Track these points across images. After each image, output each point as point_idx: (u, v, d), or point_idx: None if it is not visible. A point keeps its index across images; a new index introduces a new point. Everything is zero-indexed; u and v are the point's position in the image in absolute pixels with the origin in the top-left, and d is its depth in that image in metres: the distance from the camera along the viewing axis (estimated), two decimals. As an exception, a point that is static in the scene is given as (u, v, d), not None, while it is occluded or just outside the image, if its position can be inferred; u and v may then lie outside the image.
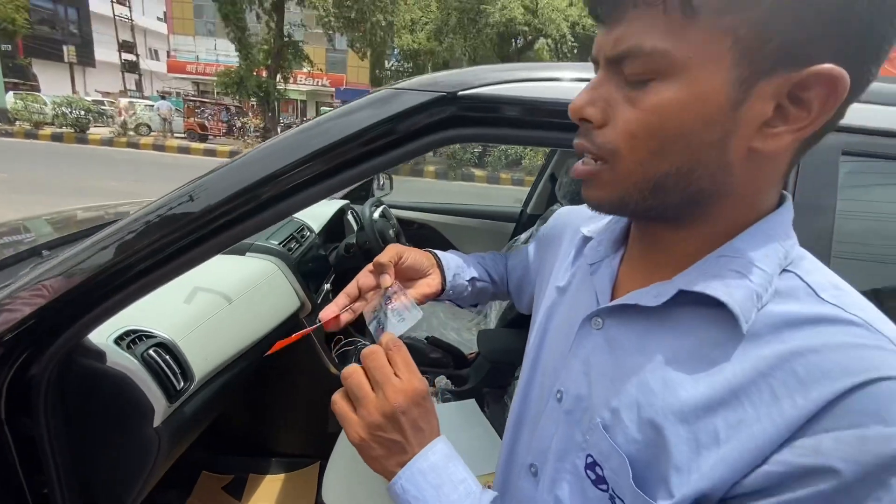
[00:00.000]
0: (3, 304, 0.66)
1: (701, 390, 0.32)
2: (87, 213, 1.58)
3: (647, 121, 0.31)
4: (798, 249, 0.36)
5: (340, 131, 0.62)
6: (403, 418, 0.41)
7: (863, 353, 0.29)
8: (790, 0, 0.27)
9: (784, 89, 0.29)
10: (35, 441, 0.72)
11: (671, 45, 0.29)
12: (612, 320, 0.40)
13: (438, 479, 0.41)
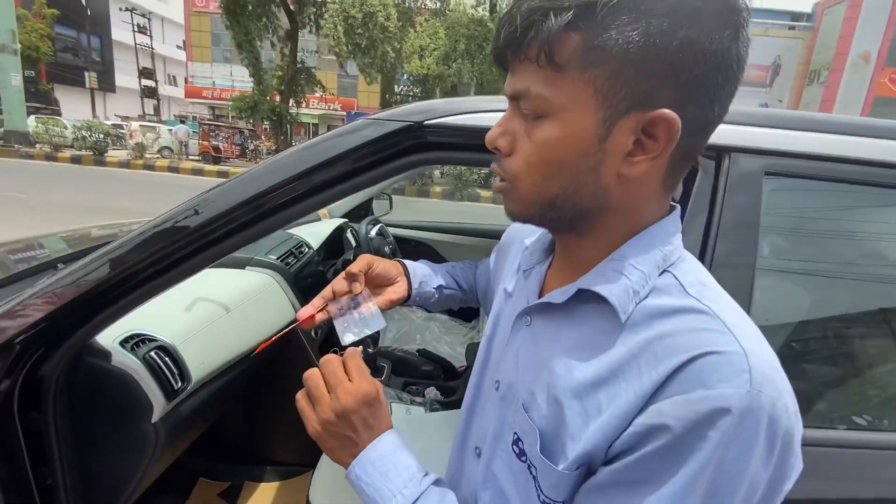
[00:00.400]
0: (18, 309, 0.74)
1: (591, 371, 0.39)
2: (100, 231, 1.68)
3: (538, 153, 0.39)
4: (680, 252, 0.43)
5: (322, 155, 0.70)
6: (354, 416, 0.47)
7: (700, 335, 0.35)
8: (629, 63, 0.34)
9: (639, 127, 0.36)
10: (42, 435, 0.80)
11: (549, 92, 0.37)
12: (537, 317, 0.48)
13: (384, 466, 0.47)
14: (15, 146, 11.36)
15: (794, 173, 0.68)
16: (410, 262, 0.74)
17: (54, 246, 1.47)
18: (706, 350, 0.34)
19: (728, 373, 0.33)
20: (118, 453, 0.85)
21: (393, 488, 0.46)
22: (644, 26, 0.33)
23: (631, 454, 0.35)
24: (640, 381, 0.36)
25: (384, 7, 12.61)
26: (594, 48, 0.34)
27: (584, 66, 0.35)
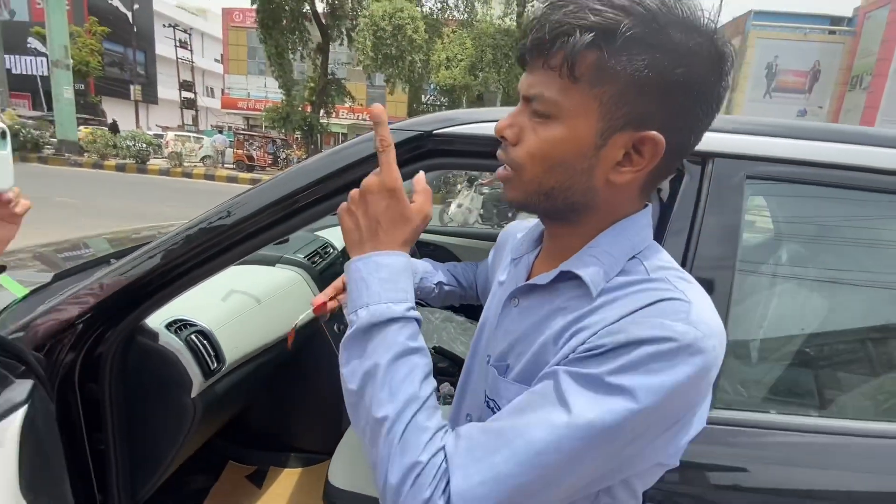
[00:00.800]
0: (81, 295, 0.86)
1: (565, 322, 0.46)
2: (139, 234, 1.83)
3: (542, 147, 0.45)
4: (648, 242, 0.50)
5: (343, 160, 0.80)
6: (376, 197, 0.47)
7: (658, 292, 0.42)
8: (633, 86, 0.41)
9: (629, 143, 0.43)
10: (98, 404, 0.91)
11: (561, 98, 0.43)
12: (523, 298, 0.55)
13: (387, 274, 0.46)
14: (66, 154, 12.11)
15: (773, 177, 0.73)
16: (414, 259, 0.81)
17: (98, 246, 1.63)
18: (658, 298, 0.41)
19: (670, 311, 0.41)
20: (161, 424, 0.96)
21: (385, 296, 0.45)
22: (650, 58, 0.40)
23: (582, 351, 0.41)
24: (603, 322, 0.42)
25: (412, 20, 12.90)
26: (607, 68, 0.40)
27: (595, 82, 0.41)
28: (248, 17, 24.75)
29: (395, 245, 0.48)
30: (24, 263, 1.41)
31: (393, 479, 0.40)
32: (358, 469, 1.19)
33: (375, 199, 0.47)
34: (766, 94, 20.70)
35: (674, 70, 0.40)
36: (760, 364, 0.81)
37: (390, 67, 13.64)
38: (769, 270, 0.77)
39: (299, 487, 1.57)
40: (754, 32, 20.31)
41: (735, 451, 0.74)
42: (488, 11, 15.29)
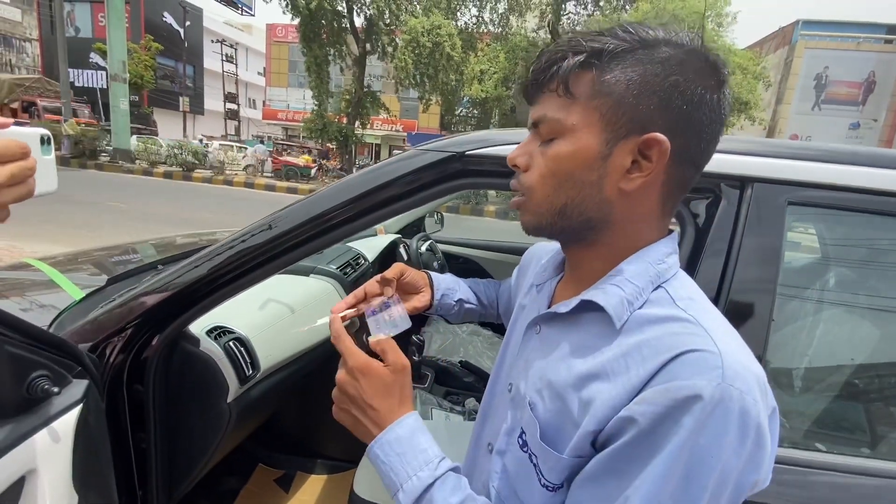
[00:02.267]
0: (129, 301, 0.91)
1: (587, 366, 0.45)
2: (183, 239, 1.93)
3: (550, 166, 0.47)
4: (675, 270, 0.49)
5: (380, 178, 0.82)
6: (353, 388, 0.51)
7: (683, 338, 0.41)
8: (630, 95, 0.43)
9: (635, 148, 0.44)
10: (142, 405, 0.96)
11: (563, 115, 0.45)
12: (545, 325, 0.54)
13: (402, 448, 0.49)
14: (119, 162, 12.88)
15: (818, 203, 0.70)
16: (437, 274, 0.82)
17: (145, 251, 1.73)
18: (686, 349, 0.40)
19: (703, 367, 0.38)
20: (199, 426, 1.00)
21: (410, 469, 0.48)
22: (641, 69, 0.43)
23: (618, 439, 0.40)
24: (627, 376, 0.42)
25: (450, 37, 13.12)
26: (602, 82, 0.43)
27: (592, 96, 0.44)
28: (289, 33, 25.79)
29: (395, 413, 0.51)
30: (79, 266, 1.51)
31: None
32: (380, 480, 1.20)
33: (353, 386, 0.51)
34: (815, 107, 19.79)
35: (667, 77, 0.42)
36: (801, 395, 0.78)
37: (427, 84, 13.88)
38: (812, 297, 0.74)
39: (325, 494, 1.60)
40: (802, 42, 19.52)
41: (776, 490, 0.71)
42: (522, 24, 15.37)
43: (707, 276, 0.72)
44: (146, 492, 0.99)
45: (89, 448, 0.74)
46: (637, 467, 0.39)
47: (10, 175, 0.44)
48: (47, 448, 0.65)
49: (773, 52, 20.93)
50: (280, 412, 1.68)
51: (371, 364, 0.52)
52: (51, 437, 0.66)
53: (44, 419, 0.65)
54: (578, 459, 0.44)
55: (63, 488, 0.68)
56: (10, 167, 0.44)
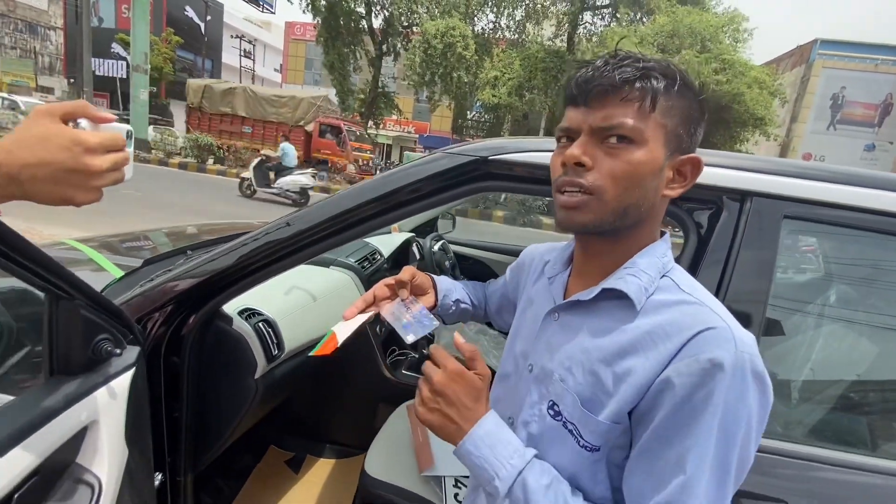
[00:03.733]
0: (172, 281, 0.99)
1: (616, 345, 0.53)
2: (193, 229, 2.00)
3: (625, 168, 0.51)
4: (673, 264, 0.57)
5: (406, 179, 0.90)
6: (450, 390, 0.55)
7: (699, 318, 0.50)
8: (683, 120, 0.53)
9: (677, 164, 0.54)
10: (177, 376, 1.04)
11: (643, 125, 0.51)
12: (564, 313, 0.62)
13: (491, 441, 0.54)
14: (136, 152, 13.08)
15: (810, 218, 0.77)
16: (437, 276, 0.88)
17: (158, 239, 1.81)
18: (704, 327, 0.48)
19: (720, 341, 0.47)
20: (228, 399, 1.08)
21: (503, 458, 0.53)
22: (688, 100, 0.53)
23: (658, 410, 0.48)
24: (656, 351, 0.50)
25: (463, 38, 13.22)
26: (671, 106, 0.52)
27: (664, 115, 0.52)
28: (307, 31, 26.09)
29: (481, 413, 0.56)
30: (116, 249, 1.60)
31: None
32: (392, 462, 1.27)
33: (451, 388, 0.55)
34: (830, 126, 19.69)
35: (694, 109, 0.54)
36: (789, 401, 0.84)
37: (436, 84, 13.98)
38: (801, 308, 0.81)
39: (332, 477, 1.67)
40: (820, 62, 19.45)
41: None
42: (539, 32, 15.46)
43: (706, 284, 0.79)
44: (175, 458, 1.07)
45: (135, 409, 0.82)
46: (683, 433, 0.47)
47: (114, 162, 0.52)
48: (106, 404, 0.73)
49: (790, 70, 20.85)
50: (293, 397, 1.75)
51: (465, 370, 0.57)
52: (109, 394, 0.74)
53: (104, 378, 0.73)
54: (616, 425, 0.52)
55: (117, 442, 0.75)
56: (115, 156, 0.52)
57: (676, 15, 12.87)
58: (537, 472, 0.53)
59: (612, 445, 0.53)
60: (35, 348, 0.74)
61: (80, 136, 0.51)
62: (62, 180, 0.51)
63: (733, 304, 0.77)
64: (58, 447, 0.66)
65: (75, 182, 0.52)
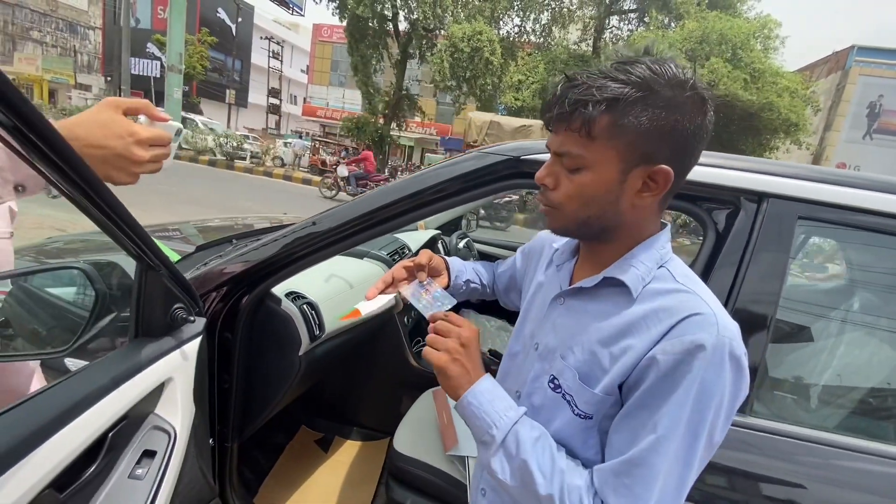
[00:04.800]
0: (228, 263, 1.09)
1: (613, 328, 0.60)
2: (221, 223, 2.11)
3: (576, 190, 0.58)
4: (671, 255, 0.63)
5: (439, 177, 0.98)
6: (472, 347, 0.63)
7: (688, 304, 0.56)
8: (640, 136, 0.53)
9: (645, 175, 0.56)
10: (229, 351, 1.14)
11: (585, 152, 0.56)
12: (569, 298, 0.69)
13: (491, 395, 0.62)
14: (169, 148, 13.55)
15: (824, 219, 0.82)
16: (448, 258, 0.95)
17: (187, 231, 1.93)
18: (691, 312, 0.55)
19: (704, 325, 0.53)
20: (274, 372, 1.18)
21: (500, 411, 0.61)
22: (649, 113, 0.53)
23: (644, 381, 0.55)
24: (648, 334, 0.56)
25: (490, 42, 13.27)
26: (617, 126, 0.54)
27: (610, 137, 0.54)
28: (334, 33, 26.55)
29: (481, 372, 0.64)
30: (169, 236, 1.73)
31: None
32: (418, 441, 1.35)
33: (473, 344, 0.64)
34: (867, 136, 19.07)
35: (670, 118, 0.53)
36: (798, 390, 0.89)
37: (463, 89, 14.06)
38: (814, 308, 0.86)
39: (360, 458, 1.76)
40: (857, 69, 18.86)
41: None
42: (565, 36, 15.42)
43: (720, 281, 0.85)
44: (224, 426, 1.17)
45: (201, 373, 0.92)
46: (661, 400, 0.54)
47: (155, 155, 0.62)
48: (180, 365, 0.83)
49: (825, 76, 20.26)
50: (324, 380, 1.86)
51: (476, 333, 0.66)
52: (182, 356, 0.84)
53: (179, 342, 0.84)
54: (608, 396, 0.59)
55: (188, 399, 0.86)
56: (158, 150, 0.63)
57: (706, 21, 12.67)
58: (528, 426, 0.61)
59: (603, 415, 0.60)
60: (120, 314, 0.85)
61: (135, 128, 0.62)
62: (109, 161, 0.61)
63: (744, 303, 0.83)
64: (142, 398, 0.76)
65: (119, 165, 0.62)
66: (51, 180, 0.51)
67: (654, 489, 0.53)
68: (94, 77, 28.27)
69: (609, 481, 0.55)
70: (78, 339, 0.76)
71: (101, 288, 0.79)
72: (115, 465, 0.72)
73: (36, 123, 0.44)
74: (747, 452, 0.82)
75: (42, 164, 0.48)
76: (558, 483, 0.56)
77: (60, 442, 0.61)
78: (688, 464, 0.54)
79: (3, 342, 0.87)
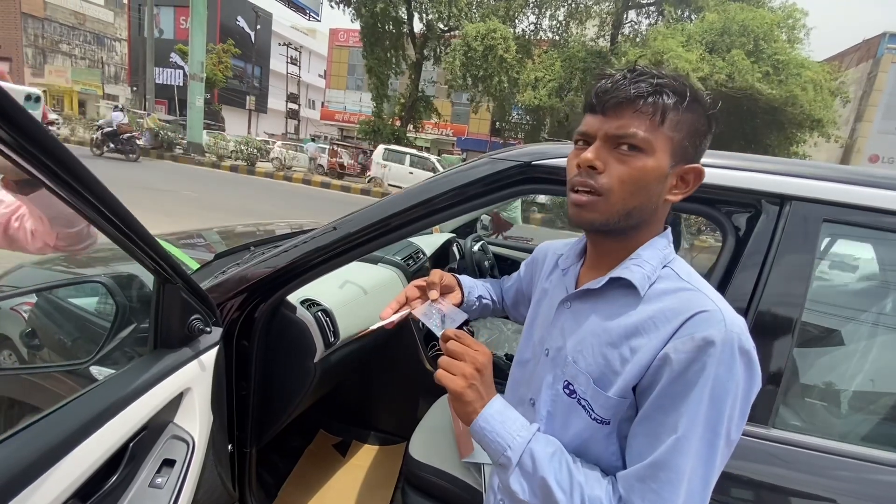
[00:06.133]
0: (245, 272, 1.10)
1: (622, 329, 0.60)
2: (243, 228, 2.14)
3: (632, 174, 0.57)
4: (674, 255, 0.63)
5: (454, 182, 0.98)
6: (486, 372, 0.62)
7: (695, 302, 0.56)
8: (690, 133, 0.58)
9: (681, 173, 0.59)
10: (246, 358, 1.16)
11: (652, 137, 0.56)
12: (576, 301, 0.68)
13: (503, 417, 0.60)
14: (192, 154, 13.95)
15: (852, 222, 0.79)
16: (461, 276, 0.94)
17: (210, 238, 1.96)
18: (699, 310, 0.55)
19: (712, 322, 0.54)
20: (290, 379, 1.20)
21: (513, 432, 0.60)
22: (697, 116, 0.58)
23: (658, 383, 0.54)
24: (657, 333, 0.56)
25: (504, 40, 13.19)
26: (678, 121, 0.57)
27: (672, 129, 0.57)
28: (351, 37, 26.81)
29: (493, 394, 0.62)
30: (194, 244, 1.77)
31: None
32: (434, 447, 1.35)
33: (488, 369, 0.62)
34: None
35: (703, 126, 0.59)
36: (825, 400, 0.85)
37: (477, 87, 14.01)
38: (840, 312, 0.82)
39: (377, 462, 1.77)
40: (889, 56, 18.09)
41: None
42: (583, 32, 15.22)
43: (741, 286, 0.83)
44: (242, 432, 1.19)
45: (219, 382, 0.94)
46: (678, 400, 0.54)
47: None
48: (198, 375, 0.85)
49: (855, 65, 19.51)
50: (341, 385, 1.87)
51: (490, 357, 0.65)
52: (200, 367, 0.86)
53: (196, 352, 0.85)
54: (623, 400, 0.59)
55: (206, 408, 0.87)
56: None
57: (728, 12, 12.33)
58: (542, 442, 0.60)
59: (620, 418, 0.59)
60: (140, 325, 0.87)
61: None
62: None
63: (767, 308, 0.80)
64: (161, 408, 0.78)
65: None
66: (65, 200, 0.53)
67: (681, 491, 0.52)
68: (120, 87, 29.24)
69: (635, 487, 0.55)
70: (100, 351, 0.78)
71: (122, 300, 0.82)
72: (136, 474, 0.73)
73: (47, 143, 0.45)
74: (772, 465, 0.79)
75: (56, 185, 0.49)
76: (578, 496, 0.56)
77: (84, 453, 0.63)
78: (710, 462, 0.53)
79: (31, 353, 0.90)
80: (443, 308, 0.78)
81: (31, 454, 0.56)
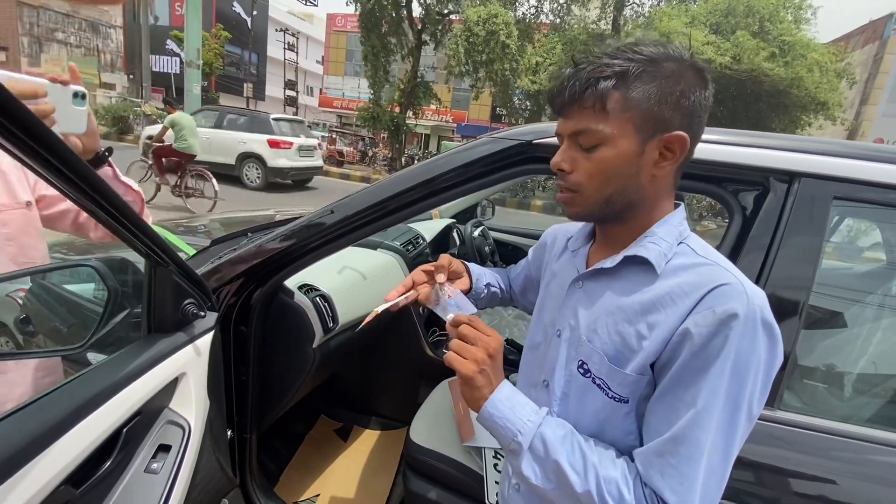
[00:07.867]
0: (241, 257, 1.08)
1: (638, 305, 0.58)
2: (243, 216, 2.13)
3: (598, 167, 0.59)
4: (688, 232, 0.62)
5: (454, 162, 0.95)
6: (498, 357, 0.61)
7: (714, 276, 0.54)
8: (652, 106, 0.55)
9: (661, 145, 0.57)
10: (244, 343, 1.15)
11: (602, 127, 0.56)
12: (588, 280, 0.67)
13: (511, 403, 0.59)
14: (190, 143, 13.83)
15: (859, 198, 0.76)
16: (469, 263, 0.92)
17: (211, 225, 1.95)
18: (719, 283, 0.53)
19: (733, 295, 0.52)
20: (289, 365, 1.19)
21: (522, 417, 0.59)
22: (657, 83, 0.55)
23: (677, 358, 0.53)
24: (676, 308, 0.55)
25: (506, 25, 12.96)
26: (629, 99, 0.55)
27: (623, 109, 0.56)
28: (349, 22, 26.42)
29: (501, 380, 0.61)
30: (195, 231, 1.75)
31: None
32: (434, 431, 1.35)
33: (499, 355, 0.61)
34: (905, 109, 18.03)
35: (676, 87, 0.55)
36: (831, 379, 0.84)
37: (479, 73, 13.81)
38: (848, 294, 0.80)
39: (378, 446, 1.78)
40: (895, 38, 17.79)
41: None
42: (584, 15, 14.95)
43: (749, 265, 0.80)
44: (242, 418, 1.19)
45: (215, 367, 0.93)
46: (698, 374, 0.52)
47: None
48: (192, 359, 0.84)
49: (861, 47, 19.19)
50: (342, 371, 1.87)
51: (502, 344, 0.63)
52: (195, 351, 0.84)
53: (191, 337, 0.84)
54: (641, 377, 0.57)
55: (201, 393, 0.86)
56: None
57: (732, -9, 12.07)
58: (553, 425, 0.59)
59: (639, 396, 0.58)
60: (133, 310, 0.86)
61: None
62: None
63: (774, 288, 0.78)
64: (155, 393, 0.77)
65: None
66: (53, 184, 0.51)
67: (701, 465, 0.51)
68: (117, 76, 28.90)
69: (654, 463, 0.53)
70: (92, 336, 0.77)
71: (113, 285, 0.80)
72: (130, 459, 0.72)
73: (34, 129, 0.43)
74: (777, 447, 0.78)
75: (43, 169, 0.47)
76: (593, 478, 0.54)
77: (75, 438, 0.61)
78: (731, 437, 0.52)
79: (25, 339, 0.89)
80: (450, 293, 0.76)
81: (19, 440, 0.55)
